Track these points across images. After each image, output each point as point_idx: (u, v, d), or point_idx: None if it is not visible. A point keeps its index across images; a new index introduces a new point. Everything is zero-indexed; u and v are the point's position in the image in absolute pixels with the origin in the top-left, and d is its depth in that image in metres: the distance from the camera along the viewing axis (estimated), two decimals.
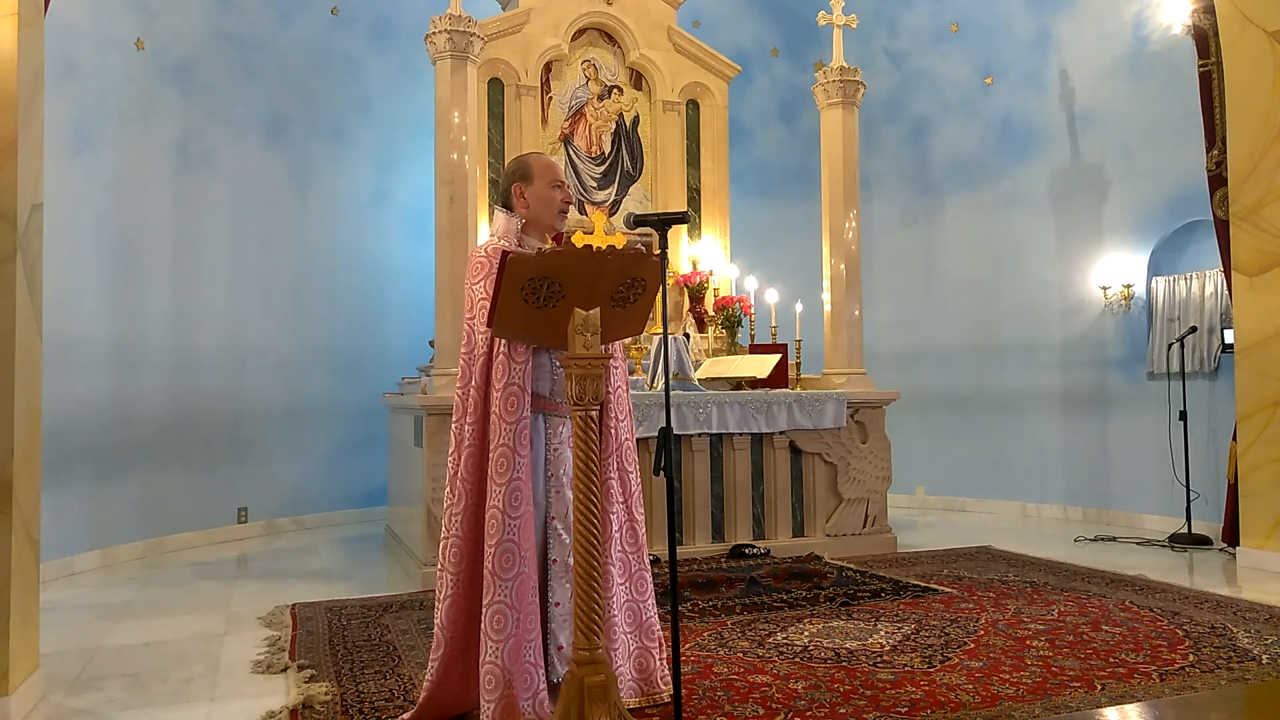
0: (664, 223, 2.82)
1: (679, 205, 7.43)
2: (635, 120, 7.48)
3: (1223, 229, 5.80)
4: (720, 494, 6.01)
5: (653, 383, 6.08)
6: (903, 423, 7.64)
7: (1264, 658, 3.65)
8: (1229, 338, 6.29)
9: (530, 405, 2.90)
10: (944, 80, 8.53)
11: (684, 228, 7.50)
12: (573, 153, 7.26)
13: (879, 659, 3.71)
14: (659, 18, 7.46)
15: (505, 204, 3.14)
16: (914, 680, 3.44)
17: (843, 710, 3.15)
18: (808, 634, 4.10)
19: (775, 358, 6.32)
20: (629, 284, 2.75)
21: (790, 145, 9.10)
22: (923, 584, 5.06)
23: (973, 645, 3.88)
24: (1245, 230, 5.57)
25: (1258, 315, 5.50)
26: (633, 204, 7.39)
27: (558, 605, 2.99)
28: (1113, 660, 3.64)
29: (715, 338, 7.10)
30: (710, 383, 6.24)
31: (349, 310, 8.03)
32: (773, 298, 6.81)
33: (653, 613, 3.19)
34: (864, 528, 6.27)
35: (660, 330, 6.25)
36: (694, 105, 7.64)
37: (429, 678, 2.98)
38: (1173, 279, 7.10)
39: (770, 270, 7.58)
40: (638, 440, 4.56)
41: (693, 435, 5.89)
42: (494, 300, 2.65)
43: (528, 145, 6.93)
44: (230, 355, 7.26)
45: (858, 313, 6.64)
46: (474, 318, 2.96)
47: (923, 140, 8.74)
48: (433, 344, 5.96)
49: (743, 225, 8.16)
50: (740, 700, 3.26)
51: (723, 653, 3.84)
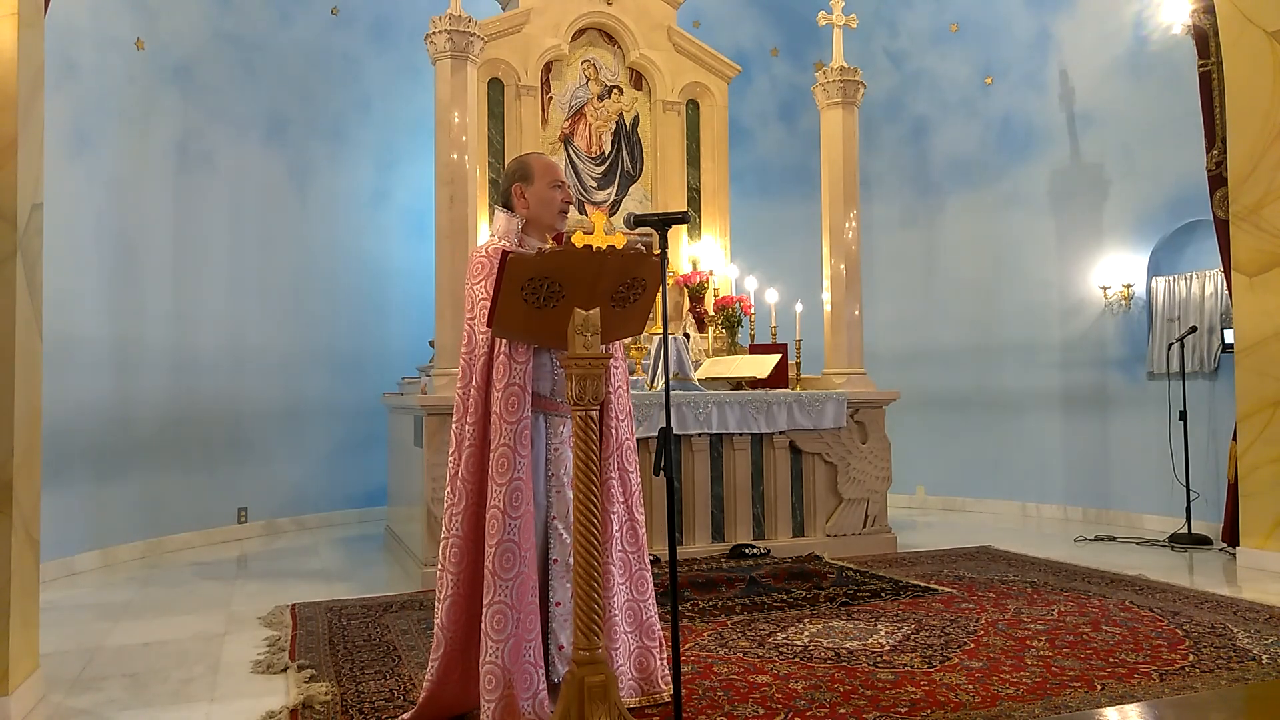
0: (664, 223, 2.82)
1: (679, 205, 7.43)
2: (635, 120, 7.48)
3: (1223, 229, 5.80)
4: (720, 494, 6.01)
5: (653, 383, 6.08)
6: (903, 423, 7.64)
7: (1264, 658, 3.65)
8: (1229, 338, 6.29)
9: (531, 405, 2.90)
10: (944, 80, 8.53)
11: (684, 228, 7.50)
12: (573, 153, 7.26)
13: (879, 659, 3.71)
14: (659, 18, 7.46)
15: (506, 204, 3.15)
16: (914, 680, 3.44)
17: (843, 710, 3.15)
18: (808, 634, 4.10)
19: (775, 358, 6.32)
20: (629, 284, 2.75)
21: (790, 145, 9.10)
22: (923, 584, 5.06)
23: (973, 645, 3.89)
24: (1245, 230, 5.58)
25: (1258, 315, 5.50)
26: (633, 204, 7.39)
27: (558, 605, 3.00)
28: (1113, 660, 3.65)
29: (715, 338, 7.10)
30: (710, 383, 6.24)
31: (349, 310, 8.03)
32: (773, 298, 6.81)
33: (653, 612, 3.20)
34: (864, 528, 6.27)
35: (660, 330, 6.25)
36: (694, 105, 7.64)
37: (429, 678, 2.98)
38: (1173, 279, 7.10)
39: (770, 270, 7.58)
40: (638, 440, 4.57)
41: (693, 435, 5.89)
42: (494, 300, 2.65)
43: (528, 145, 6.92)
44: (230, 355, 7.26)
45: (858, 313, 6.65)
46: (475, 318, 2.97)
47: (923, 140, 8.74)
48: (433, 344, 5.96)
49: (743, 225, 8.16)
50: (740, 700, 3.26)
51: (723, 653, 3.84)
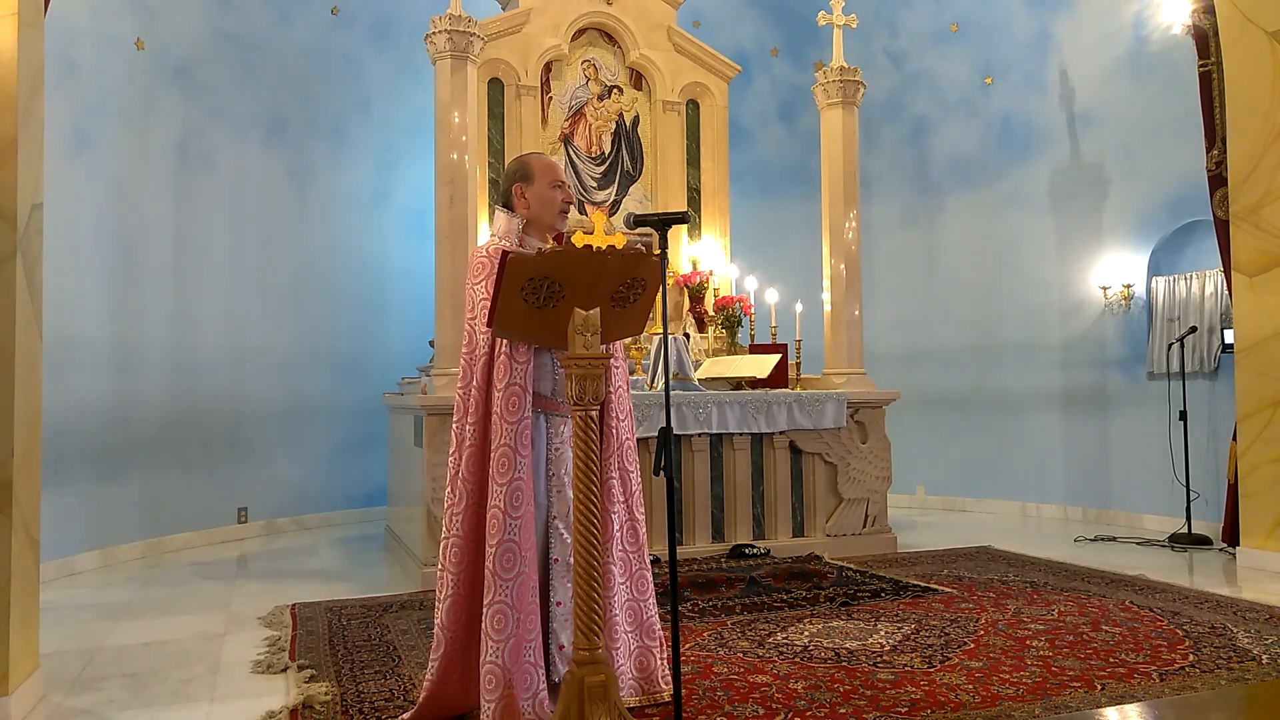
0: (664, 223, 2.82)
1: (679, 205, 7.43)
2: (635, 120, 7.48)
3: (1223, 229, 5.80)
4: (720, 494, 6.01)
5: (653, 383, 6.08)
6: (903, 423, 7.64)
7: (1264, 658, 3.65)
8: (1229, 338, 6.29)
9: (532, 405, 2.90)
10: (944, 80, 8.53)
11: (684, 228, 7.50)
12: (573, 153, 7.26)
13: (879, 659, 3.71)
14: (659, 18, 7.46)
15: (506, 204, 3.15)
16: (914, 680, 3.44)
17: (843, 710, 3.15)
18: (808, 634, 4.10)
19: (775, 358, 6.32)
20: (629, 284, 2.75)
21: (790, 145, 9.10)
22: (923, 584, 5.06)
23: (973, 645, 3.89)
24: (1245, 230, 5.58)
25: (1258, 315, 5.50)
26: (633, 204, 7.39)
27: (559, 605, 3.00)
28: (1113, 660, 3.65)
29: (715, 338, 7.10)
30: (710, 383, 6.24)
31: (349, 310, 8.03)
32: (773, 298, 6.81)
33: (653, 612, 3.20)
34: (864, 528, 6.27)
35: (660, 330, 6.25)
36: (694, 105, 7.64)
37: (429, 677, 2.98)
38: (1173, 279, 7.10)
39: (770, 270, 7.58)
40: (638, 440, 4.57)
41: (693, 435, 5.89)
42: (494, 300, 2.65)
43: (528, 145, 6.92)
44: (230, 355, 7.26)
45: (858, 313, 6.65)
46: (475, 318, 2.97)
47: (923, 140, 8.74)
48: (433, 344, 5.96)
49: (743, 225, 8.16)
50: (740, 700, 3.26)
51: (723, 653, 3.84)
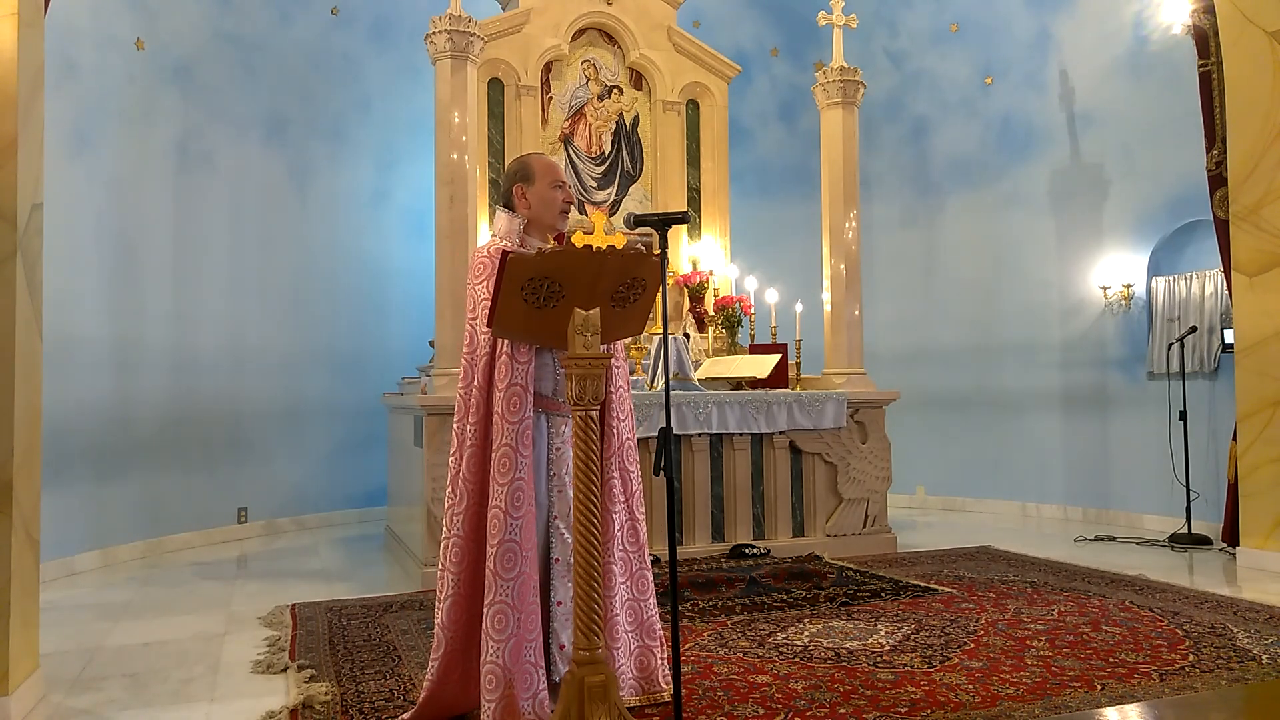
0: (664, 223, 2.82)
1: (679, 205, 7.43)
2: (635, 120, 7.48)
3: (1223, 229, 5.80)
4: (720, 494, 6.01)
5: (653, 383, 6.08)
6: (903, 423, 7.64)
7: (1264, 658, 3.65)
8: (1229, 338, 6.29)
9: (533, 405, 2.90)
10: (944, 80, 8.53)
11: (684, 228, 7.50)
12: (573, 153, 7.26)
13: (879, 659, 3.71)
14: (659, 18, 7.46)
15: (507, 204, 3.15)
16: (914, 680, 3.44)
17: (843, 710, 3.15)
18: (808, 634, 4.10)
19: (775, 358, 6.32)
20: (629, 284, 2.75)
21: (790, 145, 9.10)
22: (923, 584, 5.06)
23: (973, 645, 3.89)
24: (1245, 230, 5.58)
25: (1258, 315, 5.50)
26: (633, 204, 7.39)
27: (559, 604, 3.00)
28: (1113, 660, 3.65)
29: (715, 338, 7.10)
30: (710, 383, 6.24)
31: (349, 310, 8.03)
32: (773, 298, 6.81)
33: (654, 611, 3.20)
34: (864, 528, 6.27)
35: (660, 330, 6.25)
36: (694, 105, 7.64)
37: (429, 677, 2.98)
38: (1173, 279, 7.10)
39: (770, 270, 7.58)
40: (638, 440, 4.56)
41: (693, 435, 5.89)
42: (494, 300, 2.65)
43: (528, 145, 6.92)
44: (230, 355, 7.26)
45: (858, 313, 6.65)
46: (476, 318, 2.97)
47: (923, 140, 8.74)
48: (433, 344, 5.96)
49: (743, 225, 8.16)
50: (740, 700, 3.26)
51: (723, 653, 3.84)
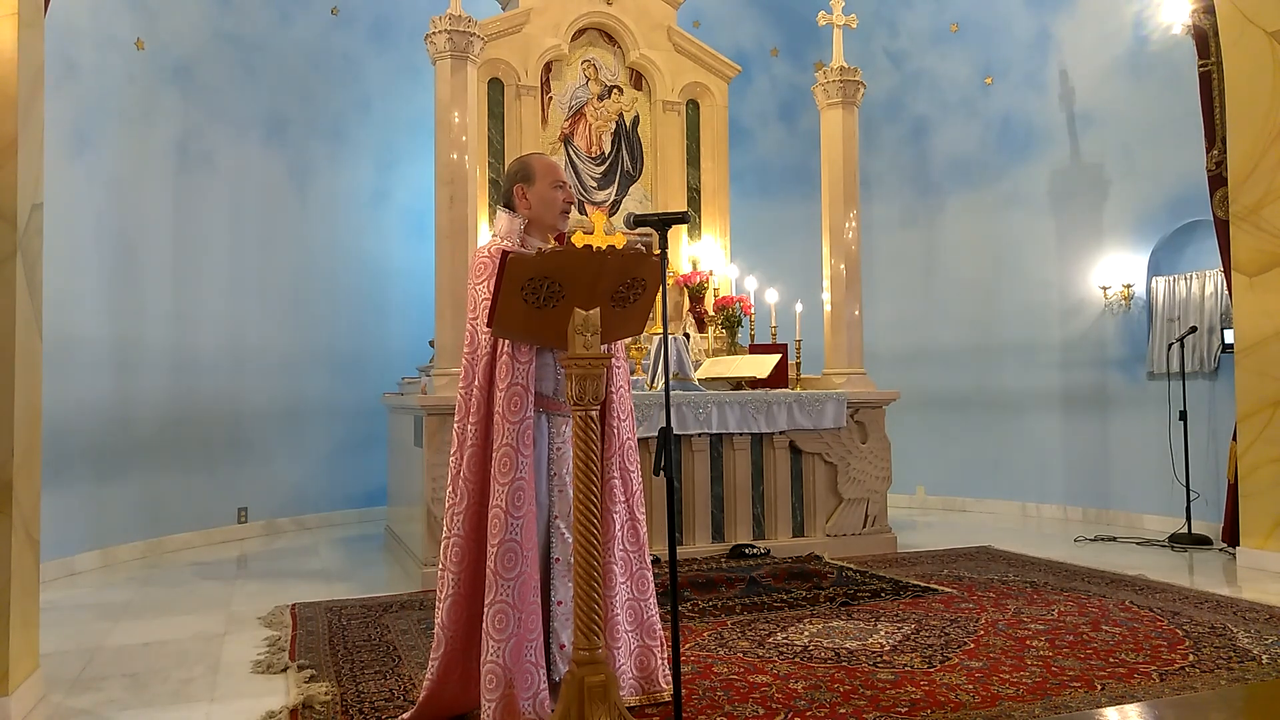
0: (664, 223, 2.82)
1: (679, 205, 7.43)
2: (635, 120, 7.48)
3: (1223, 229, 5.80)
4: (720, 494, 6.01)
5: (653, 383, 6.08)
6: (903, 423, 7.64)
7: (1264, 658, 3.65)
8: (1229, 338, 6.29)
9: (534, 405, 2.90)
10: (944, 80, 8.53)
11: (684, 228, 7.50)
12: (573, 153, 7.26)
13: (879, 659, 3.71)
14: (659, 18, 7.46)
15: (508, 204, 3.15)
16: (914, 680, 3.44)
17: (843, 710, 3.15)
18: (808, 634, 4.10)
19: (775, 358, 6.32)
20: (629, 284, 2.75)
21: (790, 145, 9.10)
22: (923, 584, 5.06)
23: (973, 645, 3.88)
24: (1245, 230, 5.57)
25: (1258, 315, 5.50)
26: (633, 204, 7.39)
27: (560, 604, 3.00)
28: (1113, 660, 3.65)
29: (715, 338, 7.10)
30: (710, 383, 6.24)
31: (349, 310, 8.03)
32: (773, 298, 6.81)
33: (654, 611, 3.20)
34: (864, 528, 6.27)
35: (660, 330, 6.25)
36: (694, 105, 7.64)
37: (429, 677, 2.98)
38: (1173, 279, 7.10)
39: (770, 270, 7.58)
40: (638, 440, 4.56)
41: (693, 435, 5.89)
42: (494, 300, 2.65)
43: (528, 145, 6.92)
44: (230, 355, 7.26)
45: (858, 313, 6.65)
46: (477, 318, 2.97)
47: (923, 140, 8.74)
48: (433, 344, 5.96)
49: (743, 225, 8.16)
50: (740, 700, 3.26)
51: (723, 653, 3.84)
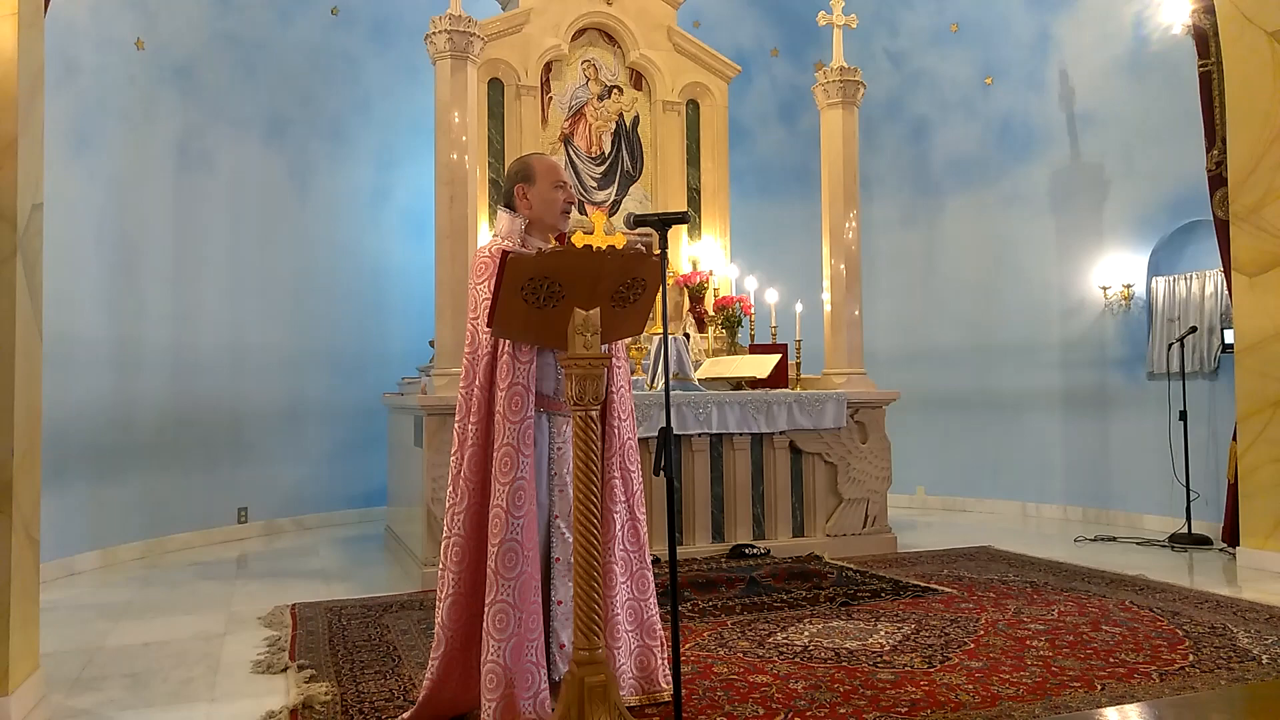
0: (664, 223, 2.83)
1: (679, 205, 7.43)
2: (635, 120, 7.48)
3: (1223, 229, 5.80)
4: (720, 494, 6.01)
5: (653, 383, 6.08)
6: (903, 423, 7.64)
7: (1264, 658, 3.65)
8: (1229, 338, 6.29)
9: (534, 404, 2.90)
10: (944, 80, 8.53)
11: (684, 228, 7.49)
12: (573, 153, 7.26)
13: (879, 659, 3.71)
14: (659, 18, 7.46)
15: (508, 204, 3.15)
16: (914, 680, 3.44)
17: (843, 710, 3.15)
18: (808, 634, 4.10)
19: (775, 358, 6.32)
20: (629, 284, 2.75)
21: (790, 145, 9.10)
22: (923, 584, 5.06)
23: (973, 645, 3.89)
24: (1245, 230, 5.57)
25: (1258, 315, 5.50)
26: (633, 204, 7.39)
27: (560, 604, 3.00)
28: (1113, 660, 3.65)
29: (715, 338, 7.10)
30: (710, 383, 6.24)
31: (349, 310, 8.03)
32: (773, 298, 6.81)
33: (654, 611, 3.20)
34: (864, 528, 6.27)
35: (660, 330, 6.25)
36: (694, 105, 7.64)
37: (429, 677, 2.98)
38: (1173, 279, 7.10)
39: (770, 270, 7.58)
40: (638, 440, 4.56)
41: (693, 435, 5.89)
42: (494, 300, 2.65)
43: (528, 145, 6.92)
44: (230, 355, 7.26)
45: (858, 313, 6.65)
46: (478, 318, 2.97)
47: (923, 140, 8.74)
48: (433, 344, 5.96)
49: (743, 225, 8.16)
50: (740, 700, 3.26)
51: (723, 653, 3.84)
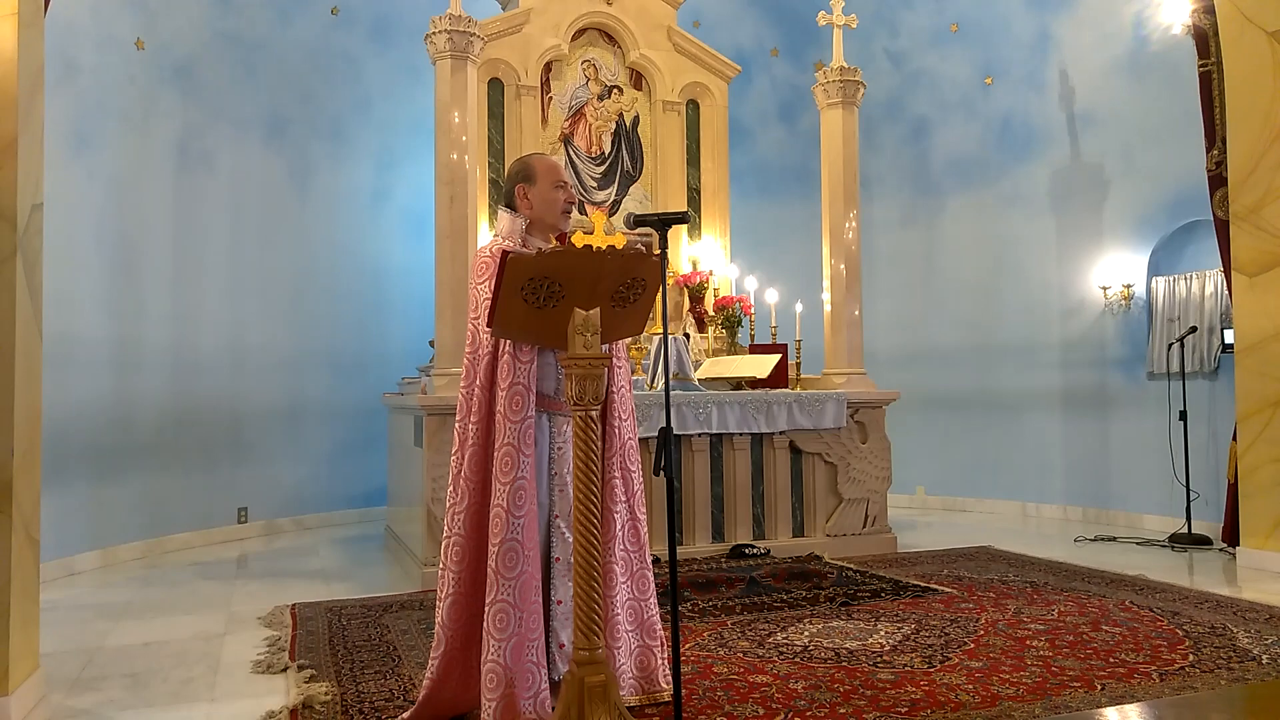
0: (664, 223, 2.83)
1: (679, 205, 7.43)
2: (635, 120, 7.48)
3: (1223, 229, 5.80)
4: (720, 494, 6.01)
5: (653, 383, 6.08)
6: (903, 423, 7.64)
7: (1264, 658, 3.65)
8: (1229, 338, 6.29)
9: (535, 404, 2.90)
10: (944, 80, 8.53)
11: (684, 228, 7.50)
12: (573, 153, 7.26)
13: (879, 659, 3.71)
14: (659, 18, 7.46)
15: (509, 204, 3.14)
16: (914, 680, 3.44)
17: (843, 710, 3.15)
18: (808, 634, 4.10)
19: (775, 358, 6.32)
20: (629, 284, 2.75)
21: (790, 145, 9.10)
22: (923, 584, 5.06)
23: (973, 645, 3.89)
24: (1245, 230, 5.58)
25: (1258, 315, 5.50)
26: (633, 204, 7.39)
27: (560, 604, 3.00)
28: (1113, 660, 3.65)
29: (715, 338, 7.10)
30: (710, 383, 6.24)
31: (349, 310, 8.03)
32: (773, 298, 6.81)
33: (654, 611, 3.20)
34: (864, 528, 6.27)
35: (660, 330, 6.25)
36: (694, 105, 7.64)
37: (429, 676, 2.98)
38: (1173, 279, 7.10)
39: (770, 270, 7.58)
40: (638, 440, 4.56)
41: (693, 435, 5.89)
42: (494, 300, 2.65)
43: (528, 145, 6.92)
44: (230, 355, 7.26)
45: (858, 313, 6.65)
46: (478, 318, 2.97)
47: (923, 140, 8.74)
48: (433, 344, 5.96)
49: (743, 225, 8.16)
50: (740, 700, 3.26)
51: (723, 653, 3.84)
